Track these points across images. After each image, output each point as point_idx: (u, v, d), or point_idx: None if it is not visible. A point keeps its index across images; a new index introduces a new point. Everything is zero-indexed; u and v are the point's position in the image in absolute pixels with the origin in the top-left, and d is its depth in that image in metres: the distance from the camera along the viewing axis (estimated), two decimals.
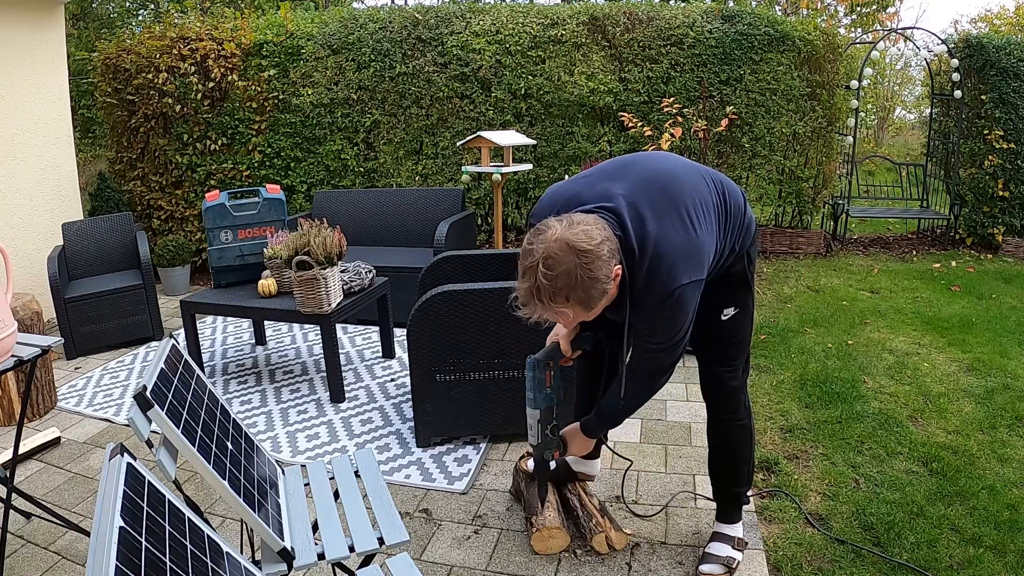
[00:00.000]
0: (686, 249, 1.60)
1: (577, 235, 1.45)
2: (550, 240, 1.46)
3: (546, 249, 1.45)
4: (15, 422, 3.13)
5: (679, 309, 1.62)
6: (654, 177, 1.67)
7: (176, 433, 1.38)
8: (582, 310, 1.51)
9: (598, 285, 1.46)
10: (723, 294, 1.85)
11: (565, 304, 1.48)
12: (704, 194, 1.70)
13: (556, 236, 1.46)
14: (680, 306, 1.61)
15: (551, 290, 1.45)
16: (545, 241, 1.46)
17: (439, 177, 5.73)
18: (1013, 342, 3.87)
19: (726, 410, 2.01)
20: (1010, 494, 2.37)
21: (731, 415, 2.01)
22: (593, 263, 1.44)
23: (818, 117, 5.73)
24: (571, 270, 1.43)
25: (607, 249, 1.47)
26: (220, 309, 3.49)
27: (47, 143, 4.75)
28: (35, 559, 2.19)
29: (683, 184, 1.67)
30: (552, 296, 1.46)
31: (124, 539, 0.92)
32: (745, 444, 2.05)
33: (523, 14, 5.58)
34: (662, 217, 1.60)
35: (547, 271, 1.44)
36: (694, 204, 1.65)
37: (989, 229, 6.10)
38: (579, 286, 1.45)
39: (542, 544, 2.14)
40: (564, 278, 1.44)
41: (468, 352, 2.68)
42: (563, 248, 1.44)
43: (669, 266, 1.57)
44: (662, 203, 1.61)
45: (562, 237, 1.45)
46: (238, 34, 5.69)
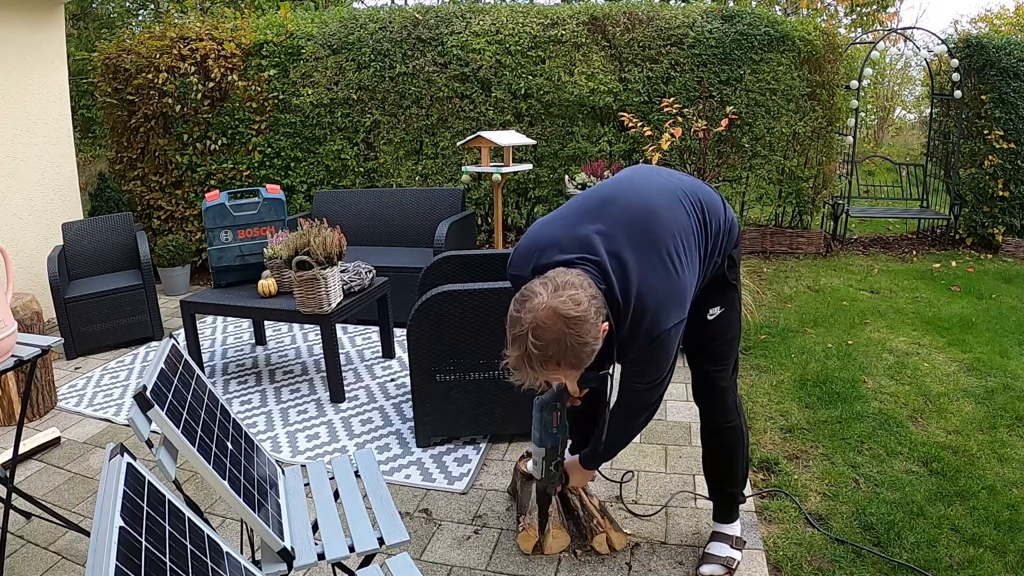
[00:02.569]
0: (669, 294, 1.60)
1: (564, 302, 1.44)
2: (537, 309, 1.44)
3: (534, 319, 1.44)
4: (15, 422, 3.13)
5: (663, 352, 1.65)
6: (634, 217, 1.64)
7: (176, 433, 1.38)
8: (573, 372, 1.53)
9: (587, 348, 1.47)
10: (708, 296, 1.86)
11: (556, 369, 1.48)
12: (685, 225, 1.68)
13: (544, 305, 1.44)
14: (664, 349, 1.64)
15: (542, 358, 1.45)
16: (533, 310, 1.44)
17: (439, 177, 5.73)
18: (1013, 342, 3.87)
19: (718, 412, 2.02)
20: (1010, 494, 2.37)
21: (722, 417, 2.02)
22: (582, 328, 1.44)
23: (818, 117, 5.73)
24: (560, 338, 1.43)
25: (594, 311, 1.47)
26: (220, 309, 3.49)
27: (47, 143, 4.75)
28: (35, 559, 2.19)
29: (663, 220, 1.65)
30: (543, 363, 1.46)
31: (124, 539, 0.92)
32: (738, 445, 2.06)
33: (523, 14, 5.58)
34: (644, 263, 1.59)
35: (536, 340, 1.43)
36: (675, 242, 1.63)
37: (989, 229, 6.10)
38: (569, 352, 1.45)
39: (527, 543, 2.14)
40: (554, 346, 1.44)
41: (468, 352, 2.68)
42: (551, 316, 1.43)
43: (653, 313, 1.58)
44: (643, 246, 1.60)
45: (549, 305, 1.43)
46: (238, 34, 5.69)
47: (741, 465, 2.09)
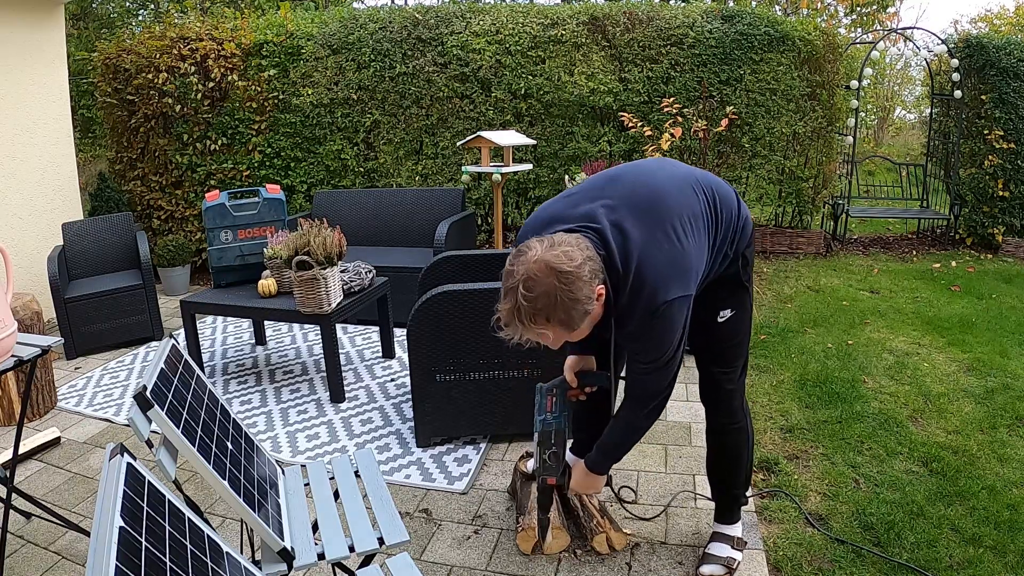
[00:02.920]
0: (671, 264, 1.57)
1: (557, 256, 1.43)
2: (530, 262, 1.44)
3: (526, 271, 1.43)
4: (15, 422, 3.13)
5: (666, 327, 1.59)
6: (639, 194, 1.63)
7: (176, 433, 1.38)
8: (563, 331, 1.50)
9: (579, 306, 1.45)
10: (720, 297, 1.83)
11: (545, 325, 1.46)
12: (694, 208, 1.65)
13: (536, 257, 1.44)
14: (667, 323, 1.58)
15: (531, 311, 1.43)
16: (525, 263, 1.44)
17: (439, 177, 5.73)
18: (1013, 342, 3.87)
19: (723, 413, 2.00)
20: (1010, 494, 2.37)
21: (728, 418, 2.01)
22: (573, 284, 1.43)
23: (818, 117, 5.73)
24: (551, 291, 1.42)
25: (588, 270, 1.45)
26: (220, 309, 3.49)
27: (47, 143, 4.75)
28: (35, 559, 2.19)
29: (670, 200, 1.63)
30: (532, 317, 1.44)
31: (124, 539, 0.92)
32: (743, 446, 2.05)
33: (523, 14, 5.58)
34: (646, 234, 1.57)
35: (527, 292, 1.42)
36: (681, 220, 1.61)
37: (989, 229, 6.10)
38: (559, 307, 1.43)
39: (526, 543, 2.14)
40: (544, 299, 1.42)
41: (468, 352, 2.68)
42: (543, 269, 1.42)
43: (653, 282, 1.54)
44: (647, 219, 1.58)
45: (542, 258, 1.43)
46: (238, 34, 5.69)
47: (745, 467, 2.08)
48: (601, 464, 1.91)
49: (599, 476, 1.93)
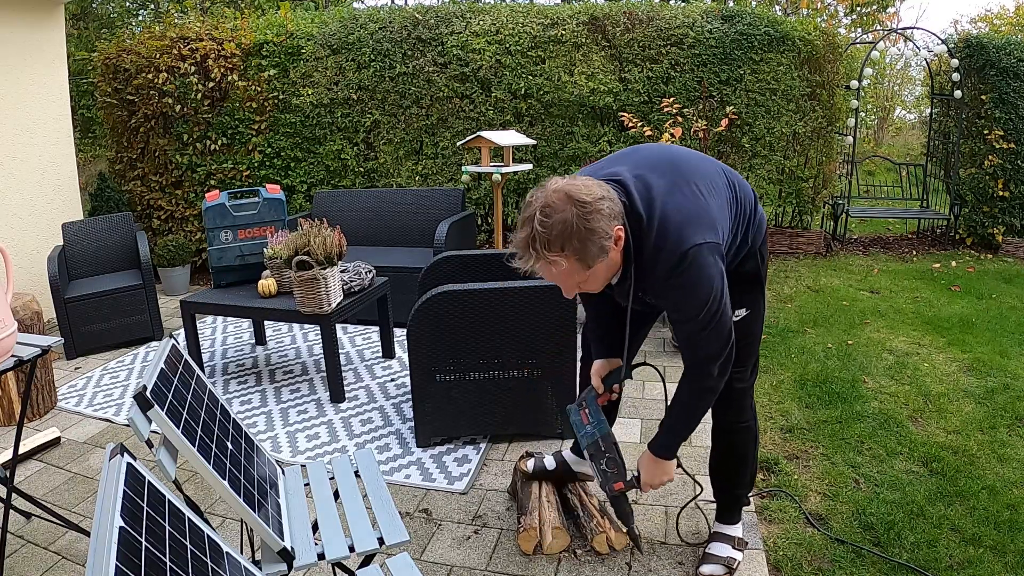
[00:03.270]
0: (696, 213, 1.54)
1: (577, 187, 1.44)
2: (549, 190, 1.45)
3: (545, 198, 1.44)
4: (15, 422, 3.13)
5: (698, 275, 1.51)
6: (662, 157, 1.67)
7: (176, 433, 1.38)
8: (578, 265, 1.47)
9: (595, 239, 1.43)
10: (735, 295, 1.78)
11: (559, 254, 1.44)
12: (714, 177, 1.67)
13: (556, 187, 1.45)
14: (698, 271, 1.51)
15: (546, 238, 1.42)
16: (544, 191, 1.46)
17: (439, 177, 5.73)
18: (1013, 342, 3.87)
19: (733, 412, 2.00)
20: (1010, 494, 2.37)
21: (736, 417, 2.00)
22: (591, 215, 1.42)
23: (818, 117, 5.73)
24: (568, 219, 1.41)
25: (607, 207, 1.45)
26: (220, 309, 3.49)
27: (47, 143, 4.75)
28: (35, 559, 2.19)
29: (692, 163, 1.66)
30: (547, 245, 1.43)
31: (124, 539, 0.92)
32: (749, 447, 2.05)
33: (523, 14, 5.58)
34: (670, 186, 1.56)
35: (544, 219, 1.42)
36: (703, 181, 1.62)
37: (989, 229, 6.10)
38: (575, 236, 1.42)
39: (528, 544, 2.14)
40: (560, 227, 1.41)
41: (468, 352, 2.68)
42: (562, 198, 1.43)
43: (678, 227, 1.51)
44: (670, 176, 1.59)
45: (561, 188, 1.44)
46: (238, 34, 5.69)
47: (751, 467, 2.08)
48: (669, 447, 1.81)
49: (669, 461, 1.83)
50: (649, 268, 1.56)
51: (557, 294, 2.61)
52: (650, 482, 1.86)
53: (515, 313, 2.62)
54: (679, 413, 1.77)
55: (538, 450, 2.51)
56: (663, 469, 1.84)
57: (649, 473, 1.85)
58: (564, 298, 2.61)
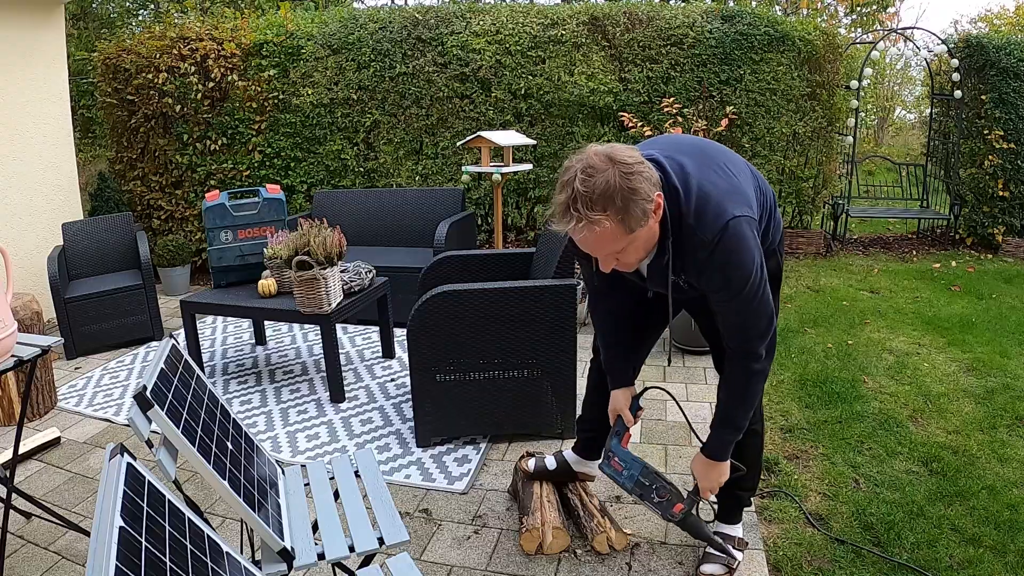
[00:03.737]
0: (730, 188, 1.55)
1: (617, 149, 1.42)
2: (590, 153, 1.42)
3: (586, 159, 1.41)
4: (15, 422, 3.13)
5: (740, 246, 1.50)
6: (689, 142, 1.68)
7: (176, 433, 1.38)
8: (620, 228, 1.41)
9: (638, 200, 1.39)
10: None
11: (603, 215, 1.38)
12: (740, 165, 1.68)
13: (596, 150, 1.42)
14: (740, 241, 1.50)
15: (588, 198, 1.38)
16: (584, 154, 1.43)
17: (439, 177, 5.73)
18: (1013, 342, 3.87)
19: None
20: (1010, 494, 2.37)
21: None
22: (633, 175, 1.39)
23: (818, 117, 5.73)
24: (610, 179, 1.38)
25: (648, 172, 1.43)
26: (220, 309, 3.49)
27: (47, 143, 4.75)
28: (35, 559, 2.19)
29: (719, 148, 1.68)
30: (589, 205, 1.38)
31: (124, 539, 0.92)
32: (755, 450, 2.04)
33: (523, 14, 5.58)
34: (701, 165, 1.57)
35: (586, 178, 1.38)
36: (732, 164, 1.63)
37: (989, 229, 6.10)
38: (618, 195, 1.38)
39: (531, 544, 2.14)
40: (603, 187, 1.38)
41: (468, 352, 2.68)
42: (603, 159, 1.40)
43: (717, 201, 1.50)
44: (700, 158, 1.59)
45: (602, 151, 1.42)
46: (238, 34, 5.69)
47: (754, 470, 2.07)
48: (724, 446, 1.77)
49: (723, 463, 1.79)
50: (688, 244, 1.53)
51: (557, 294, 2.61)
52: (709, 487, 1.82)
53: (515, 313, 2.62)
54: (732, 406, 1.73)
55: (538, 450, 2.51)
56: (719, 471, 1.80)
57: (706, 477, 1.81)
58: (564, 298, 2.61)
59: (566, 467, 2.34)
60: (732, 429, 1.75)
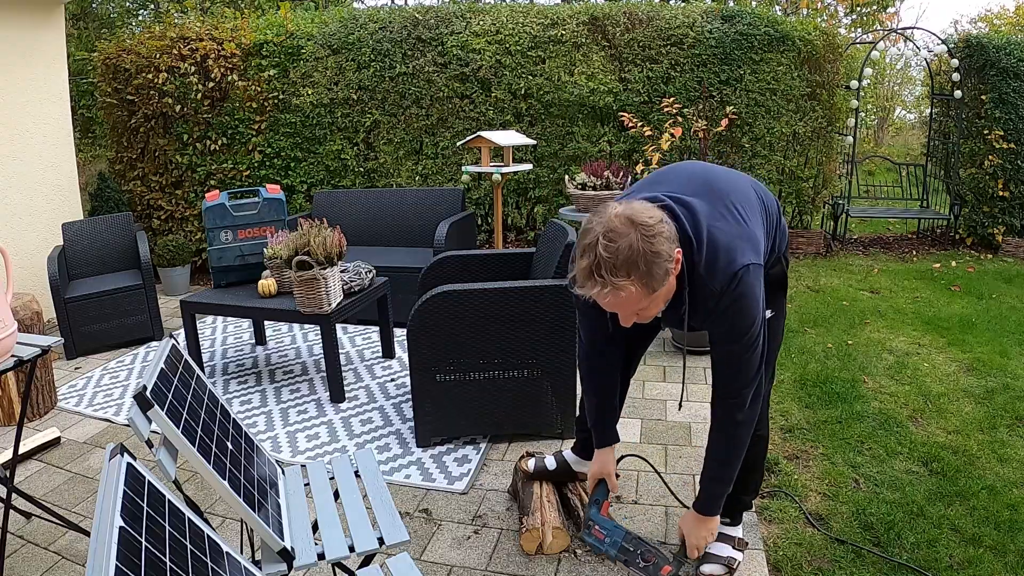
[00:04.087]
0: (740, 234, 1.56)
1: (636, 210, 1.42)
2: (611, 216, 1.41)
3: (607, 223, 1.40)
4: (15, 422, 3.13)
5: (748, 294, 1.54)
6: (696, 177, 1.66)
7: (176, 433, 1.38)
8: (644, 290, 1.42)
9: (660, 262, 1.40)
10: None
11: (626, 280, 1.39)
12: (747, 193, 1.68)
13: (616, 212, 1.42)
14: (748, 290, 1.54)
15: (612, 264, 1.37)
16: (605, 217, 1.42)
17: (439, 177, 5.74)
18: (1013, 342, 3.87)
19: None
20: (1010, 494, 2.37)
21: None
22: (655, 238, 1.39)
23: (818, 117, 5.73)
24: (633, 244, 1.37)
25: (667, 231, 1.43)
26: (220, 309, 3.49)
27: (47, 143, 4.75)
28: (35, 559, 2.19)
29: (725, 183, 1.67)
30: (613, 271, 1.38)
31: (124, 539, 0.92)
32: (759, 454, 2.05)
33: (523, 14, 5.58)
34: (710, 208, 1.57)
35: (608, 243, 1.37)
36: (739, 200, 1.63)
37: (989, 229, 6.11)
38: (641, 259, 1.38)
39: (531, 544, 2.13)
40: (626, 252, 1.37)
41: (468, 352, 2.68)
42: (624, 222, 1.39)
43: (727, 249, 1.52)
44: (708, 197, 1.59)
45: (622, 213, 1.41)
46: (238, 34, 5.69)
47: (757, 473, 2.08)
48: (714, 501, 1.79)
49: (713, 518, 1.81)
50: (699, 294, 1.56)
51: (557, 294, 2.61)
52: (696, 544, 1.82)
53: (515, 313, 2.63)
54: (720, 459, 1.75)
55: (538, 450, 2.51)
56: (709, 527, 1.81)
57: (694, 534, 1.81)
58: (564, 298, 2.61)
59: (566, 467, 2.34)
60: (721, 483, 1.77)
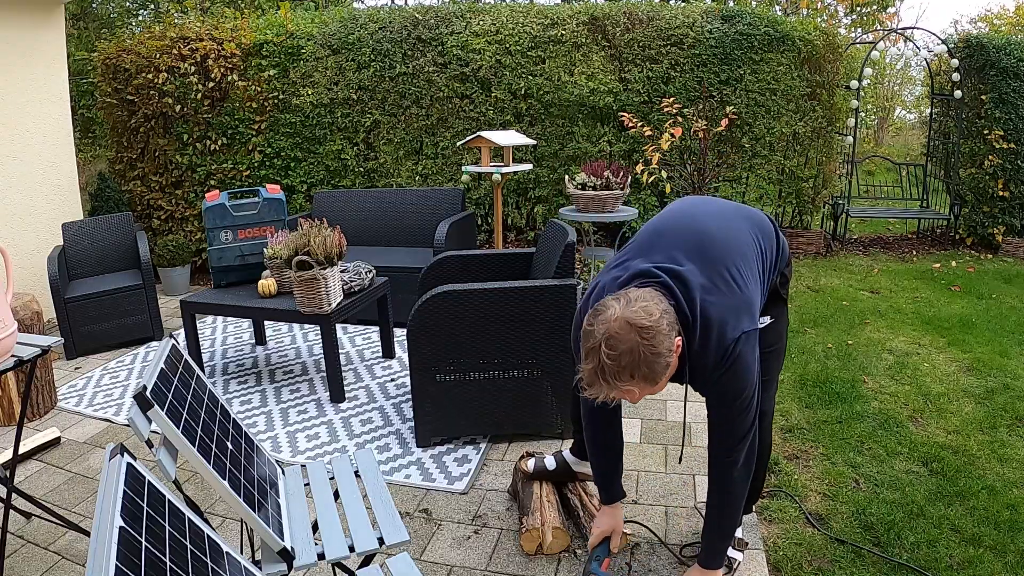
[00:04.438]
0: (734, 305, 1.59)
1: (636, 312, 1.43)
2: (610, 320, 1.43)
3: (607, 330, 1.43)
4: (15, 422, 3.13)
5: (741, 362, 1.60)
6: (691, 238, 1.67)
7: (176, 433, 1.38)
8: (647, 385, 1.48)
9: (661, 360, 1.44)
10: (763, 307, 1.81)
11: (630, 382, 1.45)
12: (743, 246, 1.70)
13: (616, 316, 1.44)
14: (741, 358, 1.59)
15: (615, 369, 1.42)
16: (606, 321, 1.44)
17: (439, 177, 5.74)
18: (1013, 342, 3.87)
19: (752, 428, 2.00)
20: (1010, 494, 2.37)
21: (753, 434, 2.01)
22: (655, 339, 1.42)
23: (818, 117, 5.73)
24: (634, 348, 1.41)
25: (667, 323, 1.46)
26: (220, 309, 3.49)
27: (47, 143, 4.75)
28: (35, 559, 2.19)
29: (719, 244, 1.67)
30: (616, 375, 1.43)
31: (124, 539, 0.92)
32: (763, 460, 2.05)
33: (523, 14, 5.58)
34: (704, 278, 1.59)
35: (610, 351, 1.41)
36: (734, 262, 1.64)
37: (989, 229, 6.11)
38: (643, 363, 1.42)
39: (530, 544, 2.13)
40: (627, 356, 1.41)
41: (468, 352, 2.68)
42: (624, 327, 1.42)
43: (720, 324, 1.56)
44: (702, 263, 1.61)
45: (622, 316, 1.43)
46: (238, 34, 5.69)
47: (760, 479, 2.08)
48: (718, 554, 1.82)
49: (719, 570, 1.84)
50: (696, 364, 1.60)
51: (557, 294, 2.61)
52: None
53: (515, 313, 2.63)
54: (720, 514, 1.78)
55: (538, 450, 2.51)
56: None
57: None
58: (564, 298, 2.61)
59: (565, 467, 2.34)
60: (723, 537, 1.81)
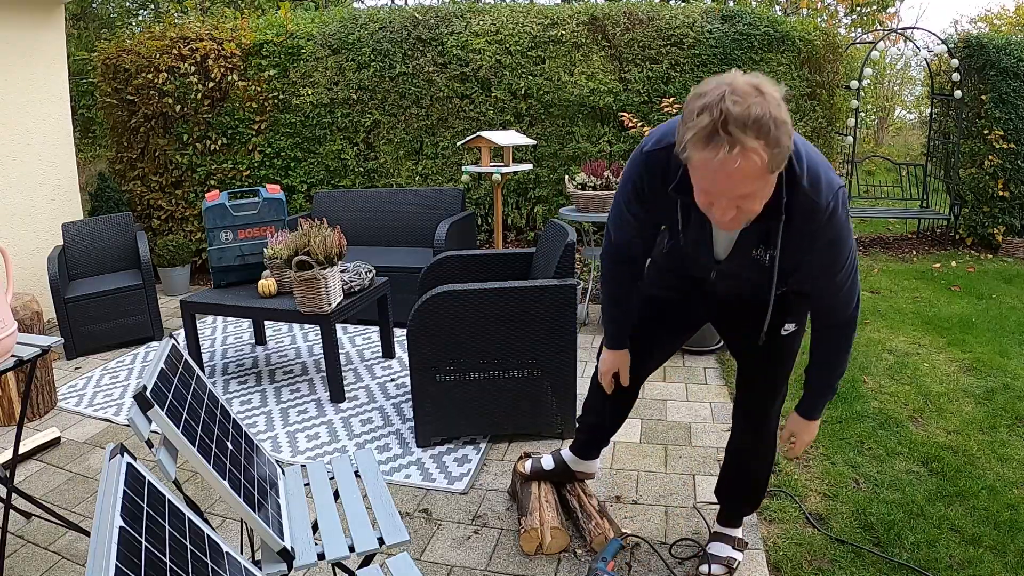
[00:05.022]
0: (826, 161, 1.47)
1: (764, 78, 1.24)
2: (734, 77, 1.23)
3: (731, 82, 1.21)
4: (15, 422, 3.13)
5: (847, 217, 1.46)
6: None
7: (176, 433, 1.38)
8: (766, 165, 1.22)
9: (784, 132, 1.21)
10: (788, 307, 1.76)
11: (756, 142, 1.19)
12: None
13: (739, 76, 1.23)
14: (846, 212, 1.45)
15: (743, 120, 1.17)
16: (724, 78, 1.23)
17: (439, 177, 5.73)
18: (1013, 342, 3.87)
19: (759, 437, 1.98)
20: (1010, 494, 2.37)
21: (760, 442, 1.99)
22: (783, 109, 1.22)
23: (818, 117, 5.73)
24: (763, 104, 1.19)
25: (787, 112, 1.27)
26: (220, 309, 3.49)
27: (47, 143, 4.75)
28: (35, 559, 2.19)
29: None
30: (743, 128, 1.17)
31: (124, 539, 0.92)
32: (767, 469, 2.05)
33: (523, 14, 5.58)
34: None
35: (737, 98, 1.18)
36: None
37: (989, 229, 6.11)
38: (771, 122, 1.19)
39: (530, 545, 2.13)
40: (758, 111, 1.18)
41: (468, 352, 2.68)
42: (749, 87, 1.20)
43: (825, 168, 1.43)
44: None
45: (746, 79, 1.22)
46: (238, 34, 5.69)
47: (764, 483, 2.08)
48: (819, 406, 1.82)
49: (817, 421, 1.84)
50: (802, 206, 1.40)
51: (557, 294, 2.61)
52: (805, 444, 1.87)
53: (515, 313, 2.63)
54: (833, 374, 1.76)
55: (538, 450, 2.51)
56: (811, 430, 1.85)
57: (805, 436, 1.85)
58: (564, 298, 2.61)
59: (564, 467, 2.34)
60: (831, 392, 1.81)
